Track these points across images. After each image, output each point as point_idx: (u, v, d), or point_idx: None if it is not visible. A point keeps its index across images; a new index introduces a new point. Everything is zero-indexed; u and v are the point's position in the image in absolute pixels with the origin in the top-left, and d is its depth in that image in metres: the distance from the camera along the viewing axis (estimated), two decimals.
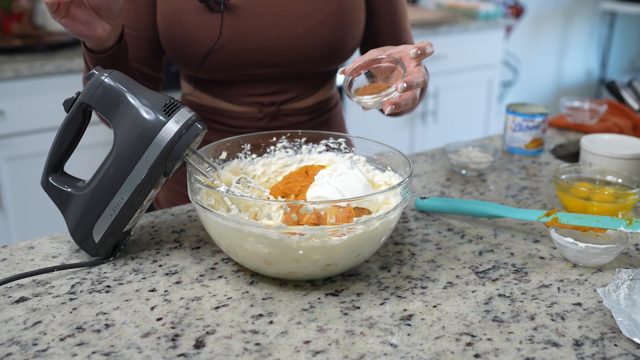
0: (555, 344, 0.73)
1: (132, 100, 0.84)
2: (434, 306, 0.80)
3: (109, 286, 0.84)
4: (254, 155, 1.03)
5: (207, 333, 0.74)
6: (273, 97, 1.21)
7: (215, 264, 0.90)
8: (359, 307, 0.80)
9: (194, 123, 0.85)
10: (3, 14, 2.48)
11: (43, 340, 0.73)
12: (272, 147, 1.04)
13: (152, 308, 0.79)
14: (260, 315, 0.78)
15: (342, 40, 1.16)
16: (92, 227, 0.87)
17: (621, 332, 0.74)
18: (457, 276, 0.87)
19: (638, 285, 0.81)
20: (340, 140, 1.05)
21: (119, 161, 0.84)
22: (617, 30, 4.43)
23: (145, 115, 0.83)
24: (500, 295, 0.83)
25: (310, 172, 0.97)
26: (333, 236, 0.79)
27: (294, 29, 1.13)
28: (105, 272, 0.87)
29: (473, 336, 0.74)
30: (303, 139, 1.05)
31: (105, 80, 0.85)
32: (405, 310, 0.79)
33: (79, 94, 0.87)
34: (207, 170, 0.92)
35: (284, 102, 1.22)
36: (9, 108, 2.10)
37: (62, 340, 0.73)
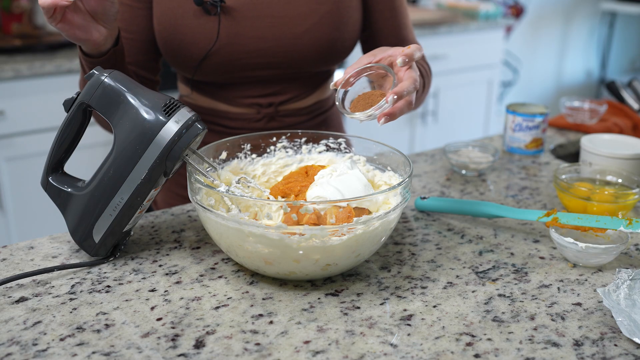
0: (555, 344, 0.73)
1: (132, 100, 0.84)
2: (434, 306, 0.80)
3: (109, 286, 0.84)
4: (254, 155, 1.03)
5: (207, 333, 0.74)
6: (271, 99, 1.20)
7: (215, 264, 0.90)
8: (359, 307, 0.80)
9: (194, 123, 0.85)
10: (3, 14, 2.48)
11: (43, 340, 0.73)
12: (272, 147, 1.04)
13: (152, 308, 0.79)
14: (260, 315, 0.78)
15: (339, 40, 1.16)
16: (92, 227, 0.87)
17: (621, 332, 0.74)
18: (457, 276, 0.87)
19: (638, 285, 0.81)
20: (340, 140, 1.05)
21: (119, 161, 0.84)
22: (617, 30, 4.43)
23: (145, 115, 0.83)
24: (500, 295, 0.83)
25: (310, 172, 0.97)
26: (333, 236, 0.79)
27: (290, 30, 1.13)
28: (105, 272, 0.87)
29: (473, 336, 0.74)
30: (303, 139, 1.05)
31: (105, 80, 0.85)
32: (405, 310, 0.79)
33: (79, 94, 0.87)
34: (207, 170, 0.92)
35: (282, 103, 1.21)
36: (9, 108, 2.10)
37: (62, 340, 0.73)
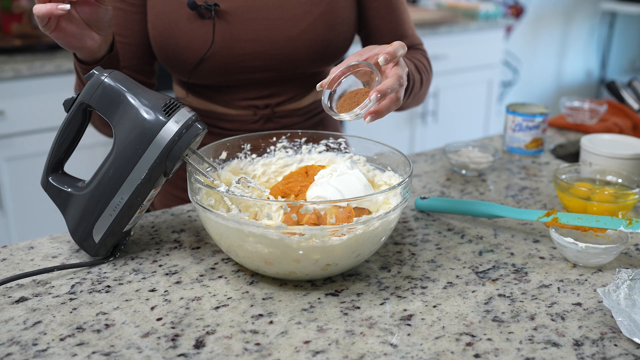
0: (555, 344, 0.73)
1: (132, 100, 0.84)
2: (434, 306, 0.80)
3: (109, 286, 0.84)
4: (254, 155, 1.03)
5: (207, 333, 0.74)
6: (267, 100, 1.20)
7: (215, 264, 0.90)
8: (359, 307, 0.80)
9: (194, 123, 0.85)
10: (3, 14, 2.48)
11: (43, 340, 0.73)
12: (272, 147, 1.04)
13: (152, 308, 0.79)
14: (260, 315, 0.78)
15: (334, 40, 1.16)
16: (92, 227, 0.87)
17: (621, 332, 0.74)
18: (457, 276, 0.87)
19: (638, 285, 0.81)
20: (340, 140, 1.05)
21: (119, 161, 0.84)
22: (617, 30, 4.43)
23: (145, 115, 0.83)
24: (500, 295, 0.83)
25: (310, 172, 0.97)
26: (333, 236, 0.79)
27: (285, 32, 1.13)
28: (105, 272, 0.87)
29: (473, 336, 0.74)
30: (303, 139, 1.05)
31: (105, 80, 0.85)
32: (405, 310, 0.79)
33: (79, 94, 0.87)
34: (207, 170, 0.92)
35: (278, 105, 1.21)
36: (9, 108, 2.10)
37: (62, 340, 0.73)
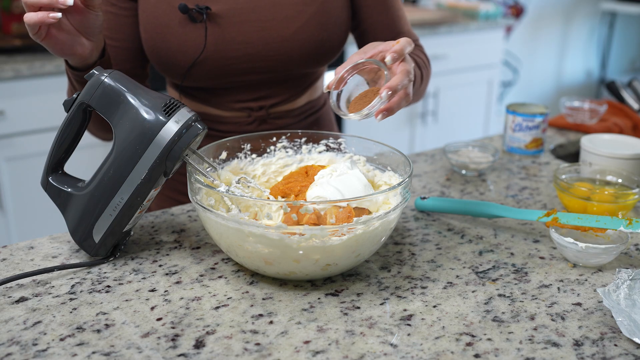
0: (555, 344, 0.73)
1: (132, 100, 0.84)
2: (434, 306, 0.80)
3: (109, 286, 0.84)
4: (254, 155, 1.03)
5: (207, 333, 0.74)
6: (262, 102, 1.19)
7: (215, 264, 0.90)
8: (359, 307, 0.80)
9: (194, 123, 0.85)
10: (3, 14, 2.48)
11: (43, 340, 0.73)
12: (272, 147, 1.04)
13: (152, 308, 0.79)
14: (260, 315, 0.78)
15: (328, 40, 1.15)
16: (92, 227, 0.87)
17: (621, 332, 0.74)
18: (457, 276, 0.87)
19: (638, 285, 0.81)
20: (341, 140, 1.05)
21: (119, 161, 0.84)
22: (617, 30, 4.43)
23: (145, 115, 0.83)
24: (500, 295, 0.83)
25: (310, 172, 0.97)
26: (333, 236, 0.79)
27: (278, 33, 1.12)
28: (105, 272, 0.87)
29: (473, 336, 0.74)
30: (303, 139, 1.05)
31: (105, 80, 0.85)
32: (405, 310, 0.79)
33: (79, 94, 0.87)
34: (207, 170, 0.92)
35: (272, 106, 1.20)
36: (9, 108, 2.10)
37: (62, 340, 0.73)
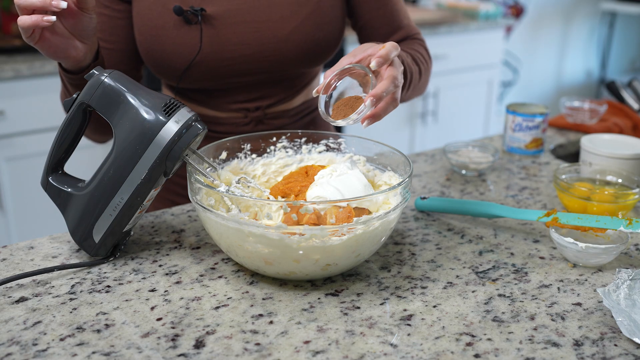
0: (555, 344, 0.73)
1: (132, 100, 0.84)
2: (434, 306, 0.80)
3: (109, 286, 0.84)
4: (254, 155, 1.03)
5: (207, 333, 0.74)
6: (258, 103, 1.19)
7: (215, 264, 0.90)
8: (359, 307, 0.80)
9: (194, 123, 0.85)
10: (3, 14, 2.48)
11: (43, 340, 0.73)
12: (272, 147, 1.04)
13: (152, 308, 0.79)
14: (260, 315, 0.78)
15: (323, 40, 1.15)
16: (92, 227, 0.87)
17: (621, 332, 0.74)
18: (457, 276, 0.87)
19: (638, 285, 0.81)
20: (341, 140, 1.05)
21: (119, 161, 0.84)
22: (617, 30, 4.43)
23: (145, 115, 0.83)
24: (500, 295, 0.83)
25: (310, 172, 0.97)
26: (333, 236, 0.79)
27: (274, 34, 1.12)
28: (105, 272, 0.87)
29: (473, 336, 0.74)
30: (303, 139, 1.05)
31: (105, 80, 0.85)
32: (405, 310, 0.79)
33: (79, 94, 0.87)
34: (207, 170, 0.92)
35: (269, 106, 1.20)
36: (9, 108, 2.10)
37: (62, 340, 0.73)
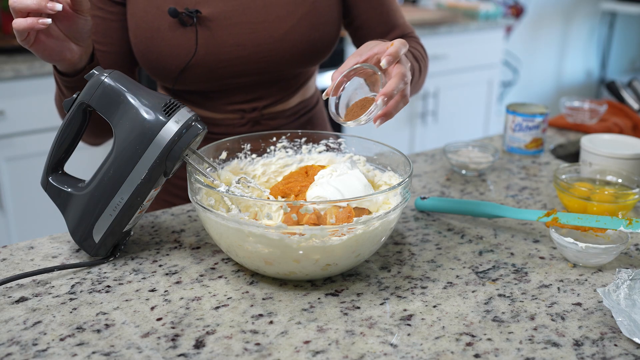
0: (555, 344, 0.73)
1: (132, 100, 0.84)
2: (434, 306, 0.80)
3: (109, 286, 0.84)
4: (254, 155, 1.03)
5: (207, 333, 0.74)
6: (254, 103, 1.19)
7: (215, 264, 0.90)
8: (359, 307, 0.80)
9: (194, 123, 0.85)
10: (3, 14, 2.48)
11: (43, 340, 0.73)
12: (272, 147, 1.04)
13: (152, 308, 0.79)
14: (260, 315, 0.78)
15: (319, 40, 1.15)
16: (92, 227, 0.87)
17: (621, 332, 0.74)
18: (457, 276, 0.87)
19: (638, 285, 0.81)
20: (341, 140, 1.05)
21: (119, 161, 0.84)
22: (617, 30, 4.43)
23: (145, 115, 0.83)
24: (500, 295, 0.83)
25: (310, 172, 0.97)
26: (333, 236, 0.79)
27: (270, 34, 1.11)
28: (105, 272, 0.87)
29: (473, 336, 0.74)
30: (303, 139, 1.05)
31: (105, 80, 0.85)
32: (405, 310, 0.79)
33: (79, 94, 0.87)
34: (207, 170, 0.92)
35: (265, 107, 1.20)
36: (9, 108, 2.10)
37: (62, 340, 0.73)
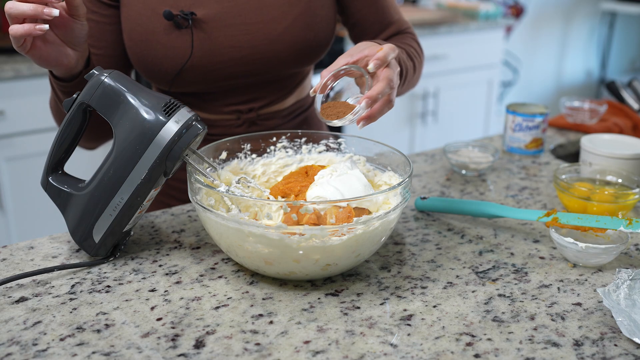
0: (555, 344, 0.73)
1: (132, 100, 0.84)
2: (434, 306, 0.80)
3: (109, 286, 0.84)
4: (254, 155, 1.03)
5: (207, 333, 0.74)
6: (251, 104, 1.19)
7: (215, 264, 0.90)
8: (359, 307, 0.80)
9: (194, 123, 0.85)
10: (3, 14, 2.48)
11: (43, 340, 0.73)
12: (272, 147, 1.04)
13: (152, 308, 0.79)
14: (260, 315, 0.78)
15: (314, 40, 1.15)
16: (92, 227, 0.87)
17: (621, 332, 0.74)
18: (457, 276, 0.87)
19: (638, 285, 0.81)
20: (341, 140, 1.05)
21: (119, 161, 0.84)
22: (617, 30, 4.43)
23: (145, 115, 0.83)
24: (500, 295, 0.83)
25: (310, 172, 0.97)
26: (333, 236, 0.79)
27: (265, 35, 1.11)
28: (105, 272, 0.87)
29: (473, 336, 0.74)
30: (303, 139, 1.05)
31: (105, 80, 0.85)
32: (405, 310, 0.79)
33: (79, 94, 0.87)
34: (207, 170, 0.92)
35: (262, 107, 1.20)
36: (9, 108, 2.10)
37: (62, 340, 0.73)
